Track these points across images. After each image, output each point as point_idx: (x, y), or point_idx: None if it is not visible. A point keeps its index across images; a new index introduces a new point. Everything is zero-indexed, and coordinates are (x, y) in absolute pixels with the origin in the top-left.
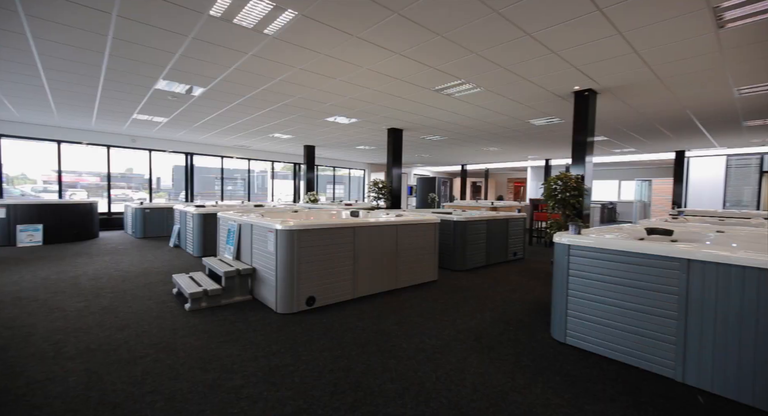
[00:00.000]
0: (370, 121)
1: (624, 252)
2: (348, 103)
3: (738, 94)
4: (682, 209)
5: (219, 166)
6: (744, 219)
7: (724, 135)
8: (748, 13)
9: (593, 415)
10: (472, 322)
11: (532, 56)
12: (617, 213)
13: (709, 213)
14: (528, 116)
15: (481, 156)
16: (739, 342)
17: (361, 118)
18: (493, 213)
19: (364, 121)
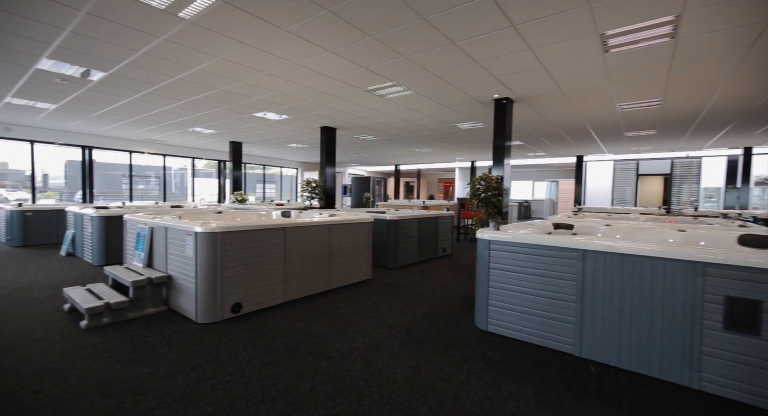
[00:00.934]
0: (302, 118)
1: (535, 245)
2: (278, 98)
3: (620, 109)
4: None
5: (127, 162)
6: (626, 214)
7: (612, 143)
8: (627, 42)
9: (509, 394)
10: (404, 318)
11: (458, 64)
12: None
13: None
14: (455, 120)
15: (413, 156)
16: (620, 319)
17: (292, 114)
18: (424, 212)
19: (296, 118)
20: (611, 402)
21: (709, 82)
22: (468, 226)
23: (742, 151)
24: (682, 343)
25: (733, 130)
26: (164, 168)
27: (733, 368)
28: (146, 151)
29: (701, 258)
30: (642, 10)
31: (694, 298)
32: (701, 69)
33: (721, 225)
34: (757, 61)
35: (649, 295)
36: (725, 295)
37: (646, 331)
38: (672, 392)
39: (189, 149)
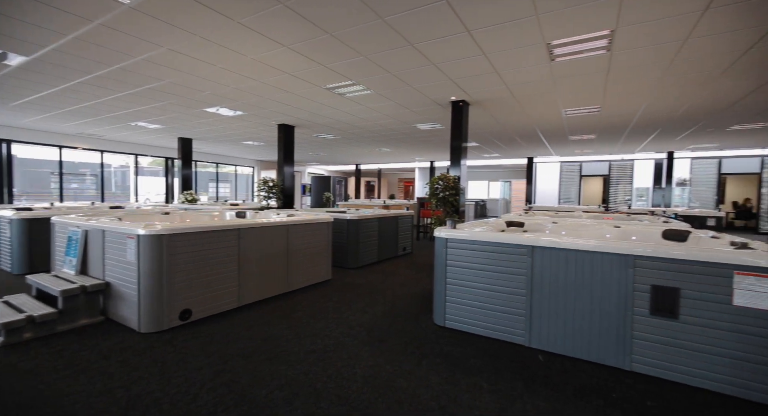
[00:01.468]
0: (259, 115)
1: (488, 242)
2: (231, 93)
3: (565, 115)
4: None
5: (57, 158)
6: (570, 212)
7: (558, 146)
8: (570, 52)
9: (465, 387)
10: (365, 318)
11: (416, 65)
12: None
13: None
14: (414, 121)
15: (374, 156)
16: (564, 309)
17: (247, 111)
18: (384, 212)
19: (252, 115)
20: (556, 387)
21: (639, 93)
22: (427, 225)
23: (666, 155)
24: (617, 329)
25: (659, 136)
26: (102, 165)
27: (657, 349)
28: (80, 147)
29: (632, 251)
30: (582, 23)
31: (626, 288)
32: (632, 80)
33: (649, 222)
34: (677, 75)
35: (589, 286)
36: (651, 284)
37: (586, 320)
38: (608, 374)
39: (131, 145)
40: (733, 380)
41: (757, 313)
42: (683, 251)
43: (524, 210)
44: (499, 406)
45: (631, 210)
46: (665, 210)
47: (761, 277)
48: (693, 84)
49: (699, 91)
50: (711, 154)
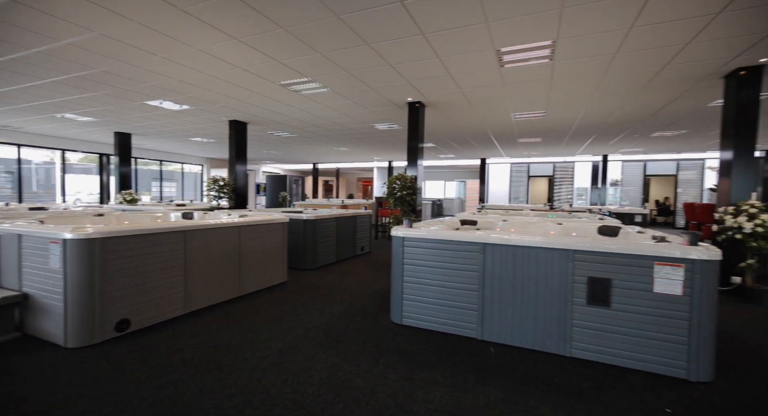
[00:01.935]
0: (208, 110)
1: (443, 240)
2: (176, 86)
3: (514, 119)
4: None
5: None
6: (519, 210)
7: (508, 148)
8: (517, 59)
9: (421, 382)
10: (322, 319)
11: (373, 65)
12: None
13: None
14: (372, 120)
15: (332, 155)
16: (512, 302)
17: (195, 105)
18: (342, 211)
19: (200, 110)
20: (505, 376)
21: (578, 100)
22: (386, 224)
23: (601, 158)
24: (558, 319)
25: (595, 141)
26: (19, 161)
27: (593, 335)
28: None
29: (572, 246)
30: (527, 32)
31: (567, 280)
32: (572, 89)
33: (587, 219)
34: (609, 86)
35: (535, 280)
36: (588, 276)
37: (532, 311)
38: (551, 361)
39: (57, 139)
40: (654, 358)
41: (672, 298)
42: (615, 245)
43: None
44: (453, 399)
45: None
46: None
47: (675, 266)
48: (622, 94)
49: (627, 101)
50: (638, 158)
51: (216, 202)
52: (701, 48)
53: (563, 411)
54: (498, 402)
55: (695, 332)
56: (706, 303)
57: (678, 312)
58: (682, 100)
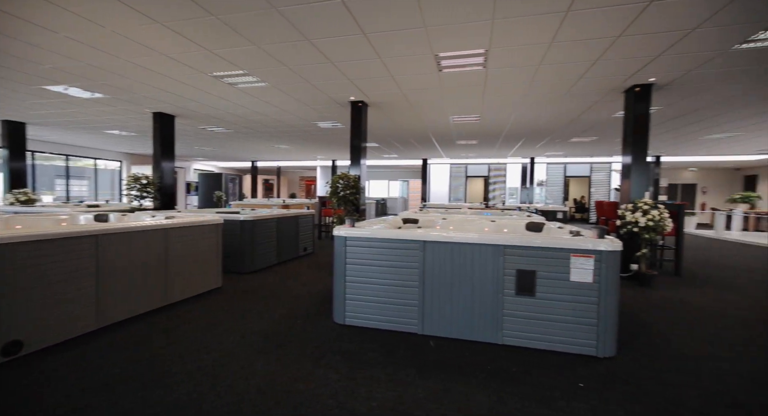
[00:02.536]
0: (126, 100)
1: (385, 239)
2: (85, 70)
3: (452, 121)
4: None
5: None
6: (458, 209)
7: (448, 149)
8: (454, 65)
9: (364, 380)
10: (261, 324)
11: (314, 62)
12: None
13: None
14: (315, 118)
15: (272, 153)
16: (450, 296)
17: (110, 93)
18: (284, 211)
19: (117, 100)
20: (444, 368)
21: (508, 106)
22: (329, 224)
23: (529, 160)
24: (492, 309)
25: (524, 144)
26: None
27: (521, 323)
28: None
29: (503, 241)
30: (462, 40)
31: (498, 273)
32: (503, 95)
33: (517, 216)
34: (535, 94)
35: (470, 275)
36: (516, 269)
37: (468, 304)
38: (486, 349)
39: None
40: (571, 340)
41: (584, 285)
42: (539, 240)
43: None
44: (394, 394)
45: (505, 207)
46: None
47: (587, 257)
48: (546, 102)
49: (550, 109)
50: (559, 161)
51: (138, 203)
52: (607, 65)
53: (496, 395)
54: (437, 393)
55: (602, 314)
56: (611, 288)
57: (589, 298)
58: (593, 110)
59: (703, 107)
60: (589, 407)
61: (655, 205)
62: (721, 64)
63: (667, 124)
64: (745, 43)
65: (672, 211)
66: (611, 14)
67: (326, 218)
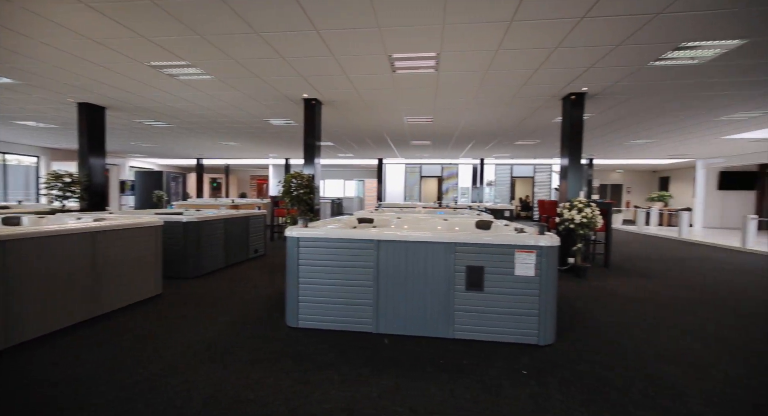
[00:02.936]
0: (43, 87)
1: (339, 239)
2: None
3: (407, 122)
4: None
5: None
6: (413, 208)
7: (403, 149)
8: (407, 66)
9: (317, 383)
10: (207, 331)
11: (264, 56)
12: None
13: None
14: (266, 115)
15: (220, 150)
16: (404, 294)
17: (22, 79)
18: (232, 212)
19: (30, 86)
20: (398, 365)
21: (459, 109)
22: (282, 225)
23: (479, 161)
24: (443, 305)
25: (474, 146)
26: None
27: (471, 317)
28: None
29: (454, 239)
30: (416, 42)
31: (450, 270)
32: (454, 98)
33: (468, 215)
34: (483, 98)
35: (423, 272)
36: (466, 265)
37: (421, 301)
38: (438, 344)
39: None
40: (516, 330)
41: (527, 279)
42: (487, 237)
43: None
44: (348, 394)
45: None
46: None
47: (529, 252)
48: (492, 107)
49: (497, 113)
50: (506, 162)
51: (60, 203)
52: (546, 74)
53: (447, 387)
54: (391, 390)
55: (543, 305)
56: (550, 280)
57: (531, 290)
58: (535, 115)
59: (627, 116)
60: (530, 393)
61: (588, 203)
62: (640, 78)
63: (598, 129)
64: (658, 61)
65: (602, 209)
66: (549, 27)
67: (279, 218)
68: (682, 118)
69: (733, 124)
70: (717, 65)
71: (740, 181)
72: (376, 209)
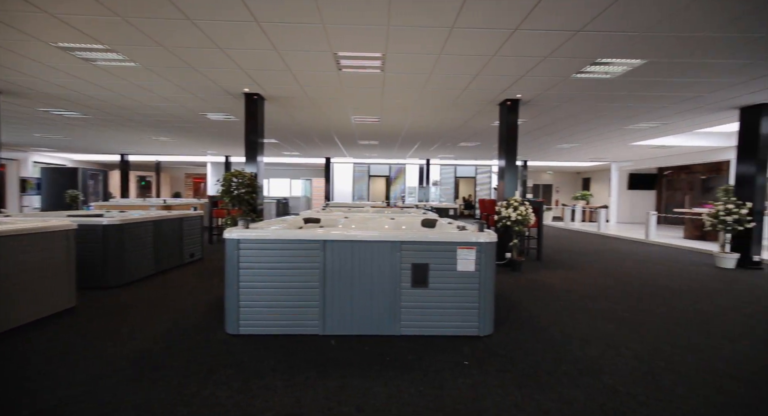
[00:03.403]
0: None
1: (283, 240)
2: None
3: (354, 121)
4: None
5: None
6: (361, 207)
7: (351, 149)
8: (353, 65)
9: (258, 391)
10: (133, 345)
11: (199, 46)
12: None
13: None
14: (203, 109)
15: (149, 146)
16: (351, 293)
17: None
18: (163, 213)
19: None
20: (344, 365)
21: (405, 110)
22: (222, 226)
23: (425, 162)
24: (390, 303)
25: (420, 147)
26: None
27: (416, 313)
28: None
29: (400, 238)
30: (361, 41)
31: (396, 268)
32: (400, 99)
33: (414, 213)
34: (427, 101)
35: (370, 271)
36: (412, 263)
37: (368, 300)
38: (385, 342)
39: None
40: (458, 323)
41: (468, 274)
42: (432, 235)
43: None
44: (293, 399)
45: (404, 205)
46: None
47: (470, 249)
48: (436, 109)
49: (440, 116)
50: (451, 163)
51: None
52: (485, 80)
53: (393, 384)
54: (337, 391)
55: (482, 298)
56: (489, 275)
57: (472, 285)
58: (476, 118)
59: (555, 122)
60: (472, 382)
61: (523, 202)
62: (565, 88)
63: (531, 133)
64: (579, 74)
65: (535, 207)
66: (487, 36)
67: (219, 220)
68: (598, 125)
69: (638, 132)
70: (625, 80)
71: (644, 182)
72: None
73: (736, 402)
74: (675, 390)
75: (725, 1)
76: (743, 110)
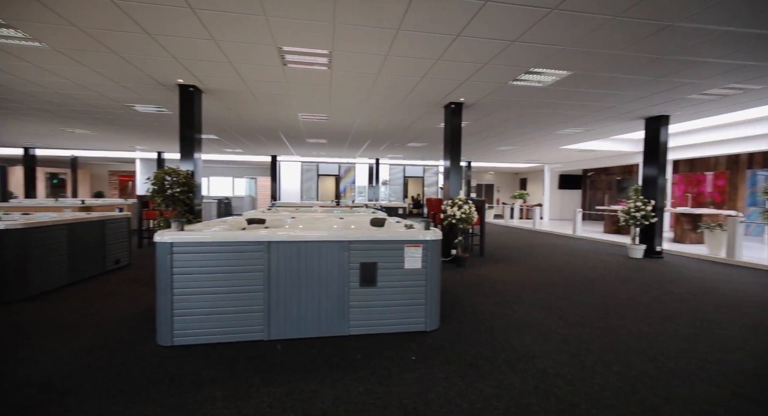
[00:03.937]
0: None
1: (223, 242)
2: None
3: (301, 118)
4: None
5: None
6: (309, 207)
7: (298, 147)
8: (299, 61)
9: (196, 405)
10: (38, 368)
11: (123, 30)
12: (232, 207)
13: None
14: (129, 100)
15: (62, 139)
16: (298, 296)
17: None
18: (82, 215)
19: None
20: (291, 370)
21: (353, 109)
22: (153, 229)
23: (375, 161)
24: (338, 303)
25: (370, 146)
26: None
27: (365, 312)
28: None
29: (348, 237)
30: (307, 37)
31: (344, 268)
32: (348, 98)
33: (364, 213)
34: (375, 100)
35: (318, 272)
36: (360, 262)
37: (316, 301)
38: (334, 343)
39: None
40: (406, 320)
41: (415, 271)
42: (380, 234)
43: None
44: (233, 410)
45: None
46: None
47: (417, 247)
48: (384, 109)
49: (388, 115)
50: (400, 162)
51: None
52: (431, 82)
53: (341, 385)
54: (282, 398)
55: (429, 294)
56: (435, 271)
57: (419, 281)
58: (423, 119)
59: (495, 125)
60: (418, 376)
61: (467, 201)
62: (503, 93)
63: (474, 135)
64: (515, 81)
65: (477, 206)
66: (431, 40)
67: (150, 222)
68: (533, 129)
69: (566, 137)
70: (554, 89)
71: (572, 182)
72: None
73: (645, 374)
74: (595, 369)
75: (631, 24)
76: (647, 120)
